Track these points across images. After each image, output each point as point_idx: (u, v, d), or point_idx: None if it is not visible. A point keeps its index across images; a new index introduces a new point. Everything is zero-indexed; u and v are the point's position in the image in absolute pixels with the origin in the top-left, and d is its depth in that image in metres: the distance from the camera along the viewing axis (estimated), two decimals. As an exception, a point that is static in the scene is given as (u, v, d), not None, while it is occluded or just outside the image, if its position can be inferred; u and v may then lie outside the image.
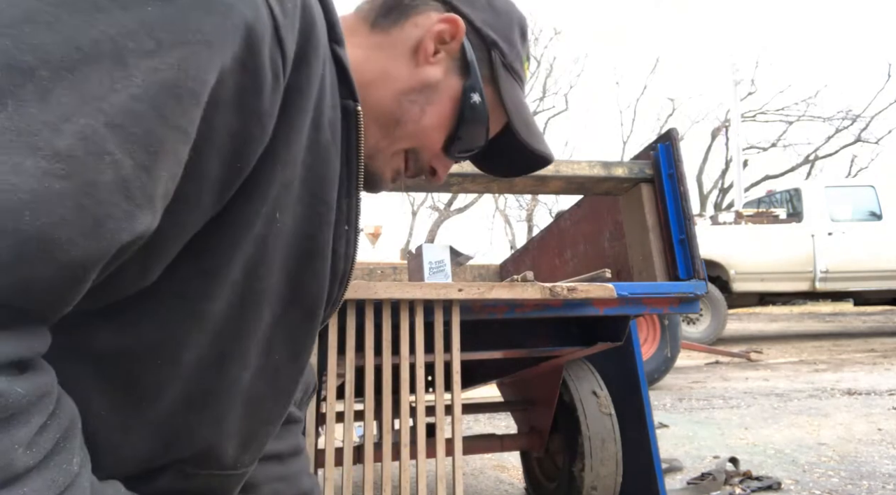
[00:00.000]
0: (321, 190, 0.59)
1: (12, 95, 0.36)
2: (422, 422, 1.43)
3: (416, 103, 0.70)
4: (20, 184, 0.35)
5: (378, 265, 2.90)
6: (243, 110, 0.47)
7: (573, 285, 1.48)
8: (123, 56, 0.40)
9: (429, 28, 0.70)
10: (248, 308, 0.56)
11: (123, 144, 0.40)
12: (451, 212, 20.35)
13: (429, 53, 0.70)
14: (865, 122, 20.07)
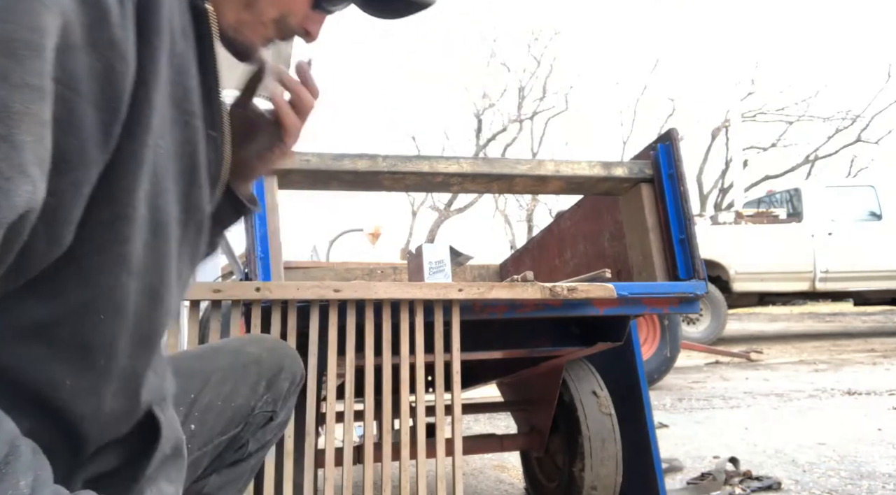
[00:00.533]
0: (188, 102, 0.58)
1: None
2: (422, 422, 1.43)
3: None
4: None
5: (378, 265, 2.90)
6: (97, 46, 0.45)
7: (573, 285, 1.48)
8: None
9: None
10: (160, 238, 0.56)
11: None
12: (451, 212, 20.34)
13: None
14: (865, 121, 20.07)
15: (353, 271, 2.72)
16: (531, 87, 21.88)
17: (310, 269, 2.66)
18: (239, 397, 0.89)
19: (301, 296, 1.34)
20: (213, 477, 0.88)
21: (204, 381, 0.86)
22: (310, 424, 1.35)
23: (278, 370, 0.96)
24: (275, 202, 1.50)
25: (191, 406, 0.83)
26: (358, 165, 1.54)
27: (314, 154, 1.53)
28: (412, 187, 1.71)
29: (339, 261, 3.03)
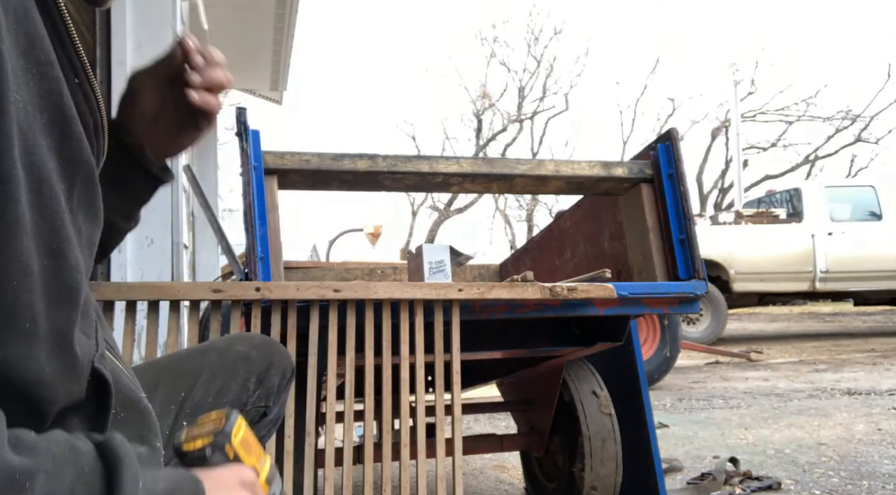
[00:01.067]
0: (39, 51, 0.56)
1: None
2: (422, 422, 1.43)
3: None
4: None
5: (378, 265, 2.90)
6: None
7: (573, 285, 1.48)
8: None
9: None
10: (45, 195, 0.55)
11: None
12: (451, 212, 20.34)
13: None
14: (865, 122, 20.08)
15: (353, 271, 2.72)
16: (531, 87, 21.89)
17: (310, 269, 2.66)
18: (229, 394, 0.89)
19: (301, 296, 1.34)
20: None
21: (193, 380, 0.87)
22: (310, 424, 1.35)
23: (267, 366, 0.96)
24: (275, 202, 1.50)
25: (181, 404, 0.84)
26: (358, 165, 1.54)
27: (314, 154, 1.53)
28: (412, 187, 1.71)
29: (339, 261, 3.03)
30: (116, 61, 2.59)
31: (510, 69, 22.39)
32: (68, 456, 0.47)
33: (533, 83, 21.99)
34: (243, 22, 4.78)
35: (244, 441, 0.65)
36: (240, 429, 0.65)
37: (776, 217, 8.09)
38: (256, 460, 0.66)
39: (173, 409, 0.83)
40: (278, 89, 6.16)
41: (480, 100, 21.60)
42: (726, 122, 20.21)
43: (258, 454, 0.67)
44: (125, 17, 2.61)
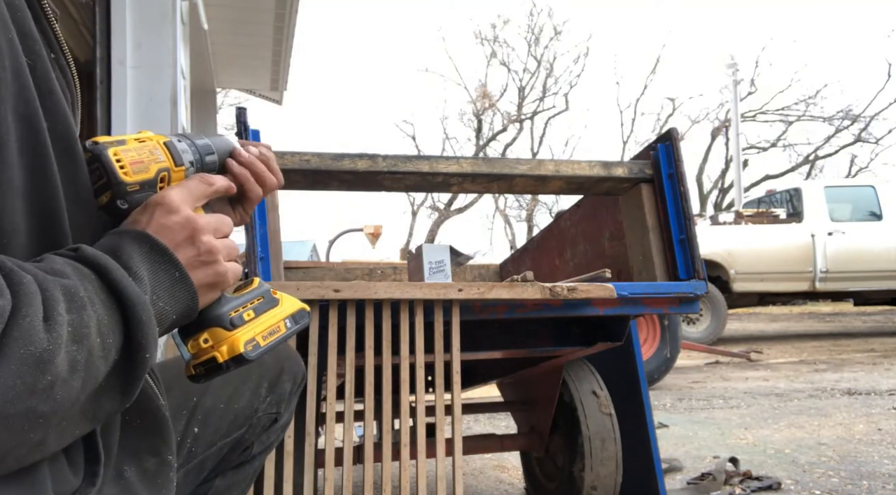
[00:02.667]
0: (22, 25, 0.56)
1: None
2: (422, 422, 1.43)
3: None
4: None
5: (378, 265, 2.90)
6: None
7: (573, 285, 1.48)
8: None
9: None
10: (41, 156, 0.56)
11: None
12: (451, 212, 20.34)
13: None
14: (865, 121, 20.07)
15: (353, 271, 2.72)
16: (531, 87, 21.89)
17: (310, 269, 2.65)
18: (241, 399, 0.89)
19: (301, 296, 1.34)
20: (218, 479, 0.88)
21: (205, 385, 0.86)
22: (310, 424, 1.35)
23: (279, 371, 0.96)
24: (275, 202, 1.50)
25: (193, 409, 0.83)
26: (358, 165, 1.54)
27: (314, 154, 1.53)
28: (412, 187, 1.71)
29: (339, 261, 3.03)
30: (116, 61, 2.59)
31: (510, 69, 22.41)
32: (80, 275, 0.50)
33: (533, 83, 21.97)
34: (243, 22, 4.77)
35: (134, 162, 0.62)
36: (120, 158, 0.61)
37: (776, 217, 8.08)
38: (154, 157, 0.63)
39: (185, 415, 0.82)
40: (278, 89, 6.15)
41: (480, 100, 21.61)
42: (726, 122, 20.21)
43: (150, 150, 0.63)
44: (125, 17, 2.61)
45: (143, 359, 0.53)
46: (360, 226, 10.01)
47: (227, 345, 0.64)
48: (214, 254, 0.63)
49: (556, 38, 21.81)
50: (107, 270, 0.52)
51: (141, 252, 0.57)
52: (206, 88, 5.51)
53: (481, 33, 22.97)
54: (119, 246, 0.57)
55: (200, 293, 0.62)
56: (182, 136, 0.69)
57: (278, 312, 0.71)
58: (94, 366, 0.48)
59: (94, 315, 0.49)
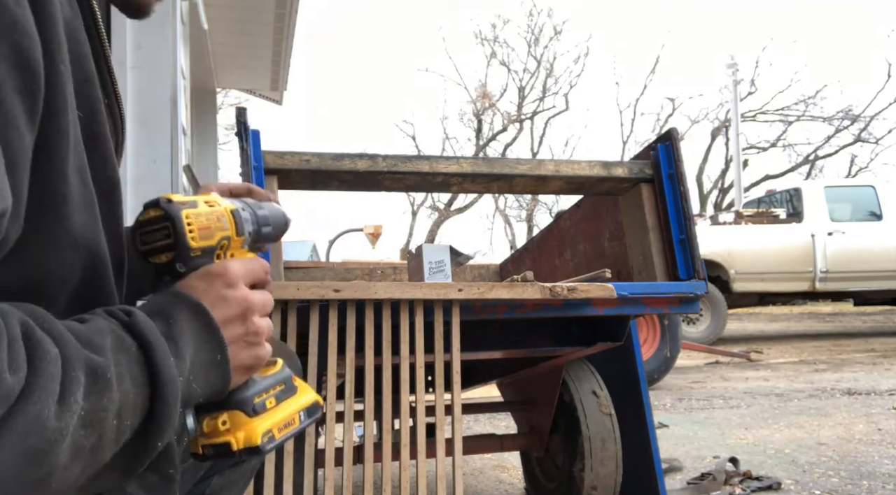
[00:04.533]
0: (86, 70, 0.57)
1: None
2: (422, 422, 1.43)
3: None
4: None
5: (378, 265, 2.90)
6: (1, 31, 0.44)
7: (573, 285, 1.48)
8: None
9: None
10: (91, 210, 0.56)
11: None
12: (451, 212, 20.35)
13: None
14: (865, 121, 20.08)
15: (353, 271, 2.72)
16: (531, 87, 21.89)
17: (310, 269, 2.65)
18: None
19: (301, 296, 1.34)
20: (216, 478, 0.88)
21: None
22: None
23: None
24: (275, 202, 1.50)
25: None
26: (358, 165, 1.54)
27: (314, 154, 1.53)
28: (412, 187, 1.71)
29: (339, 261, 3.03)
30: (116, 61, 2.58)
31: (510, 69, 22.39)
32: (121, 348, 0.48)
33: (533, 83, 21.97)
34: (243, 22, 4.77)
35: (202, 228, 0.60)
36: (191, 222, 0.59)
37: (776, 217, 8.08)
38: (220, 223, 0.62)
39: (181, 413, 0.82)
40: (278, 89, 6.16)
41: (480, 100, 21.61)
42: (726, 122, 20.21)
43: (218, 216, 0.62)
44: (125, 18, 2.61)
45: (155, 446, 0.51)
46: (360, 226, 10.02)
47: (245, 433, 0.61)
48: (259, 336, 0.62)
49: (556, 38, 21.82)
50: (151, 347, 0.50)
51: (193, 327, 0.55)
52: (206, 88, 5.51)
53: (481, 33, 22.97)
54: (173, 314, 0.55)
55: (234, 375, 0.60)
56: (245, 205, 0.68)
57: (296, 403, 0.68)
58: (100, 452, 0.46)
59: (117, 396, 0.47)
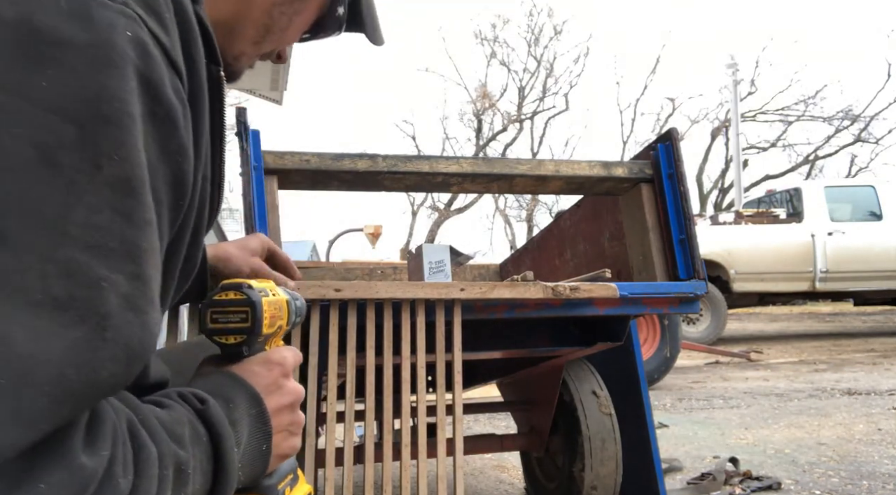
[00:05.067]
0: (205, 168, 0.57)
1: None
2: (423, 422, 1.43)
3: (285, 14, 0.71)
4: (49, 351, 0.33)
5: (378, 265, 2.90)
6: (170, 155, 0.45)
7: (576, 284, 1.48)
8: (54, 158, 0.36)
9: None
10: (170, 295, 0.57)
11: (108, 263, 0.37)
12: (451, 212, 20.34)
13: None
14: (865, 121, 20.08)
15: (353, 271, 2.72)
16: (531, 87, 21.89)
17: (310, 269, 2.66)
18: None
19: (302, 296, 1.33)
20: None
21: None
22: (310, 424, 1.35)
23: None
24: (275, 202, 1.50)
25: None
26: (358, 165, 1.54)
27: (314, 154, 1.53)
28: (412, 187, 1.71)
29: (339, 261, 3.03)
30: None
31: (510, 69, 22.40)
32: (196, 439, 0.49)
33: (533, 83, 21.97)
34: (243, 22, 4.77)
35: (272, 316, 0.63)
36: (266, 310, 0.62)
37: (776, 217, 8.08)
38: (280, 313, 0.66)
39: None
40: (278, 89, 6.15)
41: (480, 100, 21.60)
42: (726, 122, 20.21)
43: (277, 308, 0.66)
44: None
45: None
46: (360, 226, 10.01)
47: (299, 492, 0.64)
48: (299, 427, 0.63)
49: (556, 38, 21.82)
50: (221, 439, 0.51)
51: (248, 414, 0.56)
52: (207, 88, 5.49)
53: (481, 33, 22.98)
54: (233, 397, 0.56)
55: (272, 463, 0.60)
56: (291, 296, 0.71)
57: (300, 492, 0.69)
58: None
59: (190, 490, 0.47)
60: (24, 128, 0.34)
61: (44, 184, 0.35)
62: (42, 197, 0.34)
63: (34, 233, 0.34)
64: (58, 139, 0.35)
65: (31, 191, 0.34)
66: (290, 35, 0.74)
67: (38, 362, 0.32)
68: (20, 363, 0.32)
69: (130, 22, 0.40)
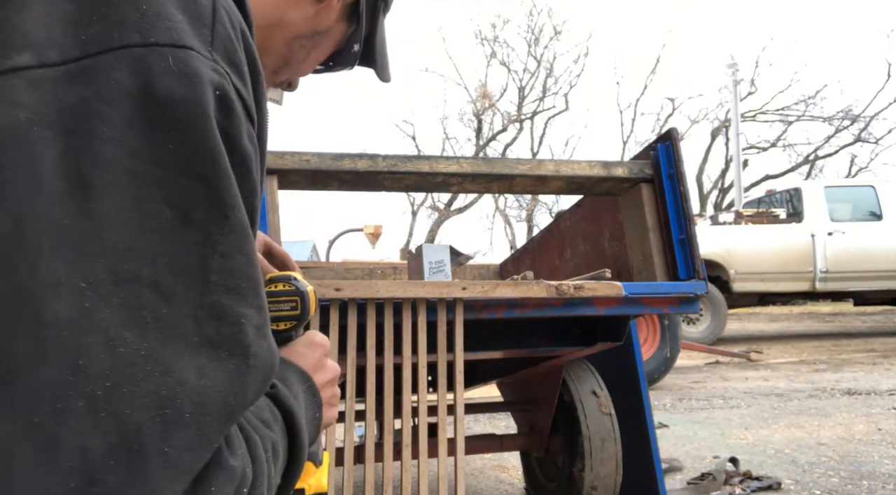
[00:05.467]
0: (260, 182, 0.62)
1: (144, 308, 0.37)
2: (423, 422, 1.43)
3: (304, 48, 0.73)
4: (214, 384, 0.39)
5: (378, 265, 2.90)
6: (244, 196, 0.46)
7: (580, 283, 1.48)
8: (190, 215, 0.39)
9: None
10: None
11: (244, 301, 0.42)
12: (451, 212, 20.34)
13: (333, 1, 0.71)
14: (865, 121, 20.08)
15: (353, 271, 2.72)
16: (531, 87, 21.89)
17: (310, 269, 2.66)
18: None
19: (301, 296, 1.33)
20: None
21: None
22: (310, 424, 1.35)
23: None
24: (275, 202, 1.50)
25: None
26: (358, 165, 1.54)
27: (314, 154, 1.53)
28: (412, 187, 1.71)
29: (339, 261, 3.03)
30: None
31: (510, 69, 22.38)
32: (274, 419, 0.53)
33: (533, 83, 21.97)
34: (243, 22, 4.78)
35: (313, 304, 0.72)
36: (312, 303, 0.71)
37: (776, 217, 8.08)
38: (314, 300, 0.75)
39: None
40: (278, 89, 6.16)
41: (480, 100, 21.60)
42: (726, 122, 20.21)
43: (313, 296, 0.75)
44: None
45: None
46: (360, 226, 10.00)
47: (315, 481, 0.71)
48: (337, 399, 0.72)
49: (556, 38, 21.82)
50: (293, 417, 0.55)
51: (302, 390, 0.62)
52: (207, 88, 5.50)
53: (481, 33, 22.98)
54: (287, 377, 0.61)
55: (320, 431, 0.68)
56: None
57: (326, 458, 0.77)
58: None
59: (280, 463, 0.52)
60: (161, 191, 0.38)
61: (185, 241, 0.39)
62: (185, 252, 0.39)
63: (185, 286, 0.38)
64: (190, 197, 0.39)
65: (176, 248, 0.38)
66: (305, 67, 0.77)
67: (208, 394, 0.38)
68: (197, 397, 0.38)
69: (220, 79, 0.42)
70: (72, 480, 0.32)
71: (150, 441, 0.35)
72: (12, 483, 0.32)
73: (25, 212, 0.34)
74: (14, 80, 0.35)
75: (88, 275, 0.35)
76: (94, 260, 0.35)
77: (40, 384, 0.33)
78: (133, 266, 0.36)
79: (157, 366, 0.36)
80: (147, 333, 0.36)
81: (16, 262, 0.33)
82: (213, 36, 0.43)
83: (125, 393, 0.34)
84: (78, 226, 0.35)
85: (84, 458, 0.33)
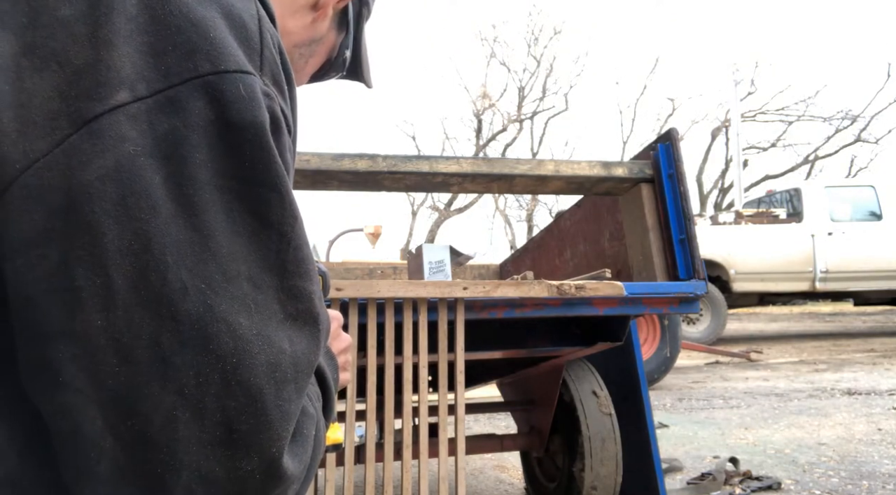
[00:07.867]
0: None
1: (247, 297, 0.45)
2: (424, 422, 1.43)
3: (303, 56, 0.76)
4: (303, 349, 0.49)
5: (378, 265, 2.90)
6: None
7: (581, 283, 1.48)
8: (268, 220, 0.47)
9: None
10: None
11: (310, 280, 0.50)
12: (451, 212, 20.34)
13: (328, 9, 0.74)
14: (865, 121, 20.07)
15: (353, 271, 2.72)
16: (531, 87, 21.88)
17: (310, 269, 2.66)
18: None
19: (302, 296, 1.33)
20: None
21: None
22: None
23: None
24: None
25: None
26: (358, 165, 1.55)
27: (314, 154, 1.53)
28: (412, 187, 1.71)
29: (339, 261, 3.03)
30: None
31: (510, 69, 22.37)
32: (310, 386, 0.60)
33: (533, 83, 21.95)
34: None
35: None
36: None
37: (776, 217, 8.09)
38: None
39: None
40: (278, 89, 6.16)
41: (480, 100, 21.60)
42: (726, 122, 20.21)
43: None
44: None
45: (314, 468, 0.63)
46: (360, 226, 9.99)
47: (331, 433, 0.76)
48: (349, 365, 0.78)
49: (555, 38, 21.81)
50: (325, 379, 0.62)
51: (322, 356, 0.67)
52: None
53: (481, 33, 22.97)
54: None
55: None
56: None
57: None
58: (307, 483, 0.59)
59: (316, 419, 0.58)
60: (244, 202, 0.46)
61: (266, 240, 0.47)
62: (266, 248, 0.47)
63: (269, 276, 0.47)
64: (266, 205, 0.47)
65: (260, 247, 0.47)
66: (302, 76, 0.80)
67: (299, 357, 0.48)
68: (294, 360, 0.47)
69: (271, 101, 0.49)
70: (217, 430, 0.43)
71: (268, 398, 0.44)
72: (179, 438, 0.42)
73: (151, 233, 0.42)
74: (118, 116, 0.42)
75: (205, 277, 0.43)
76: (207, 265, 0.44)
77: (186, 366, 0.42)
78: (234, 266, 0.45)
79: (265, 341, 0.45)
80: (253, 317, 0.45)
81: (150, 274, 0.42)
82: (262, 60, 0.50)
83: (247, 365, 0.44)
84: (191, 239, 0.43)
85: (224, 416, 0.43)
